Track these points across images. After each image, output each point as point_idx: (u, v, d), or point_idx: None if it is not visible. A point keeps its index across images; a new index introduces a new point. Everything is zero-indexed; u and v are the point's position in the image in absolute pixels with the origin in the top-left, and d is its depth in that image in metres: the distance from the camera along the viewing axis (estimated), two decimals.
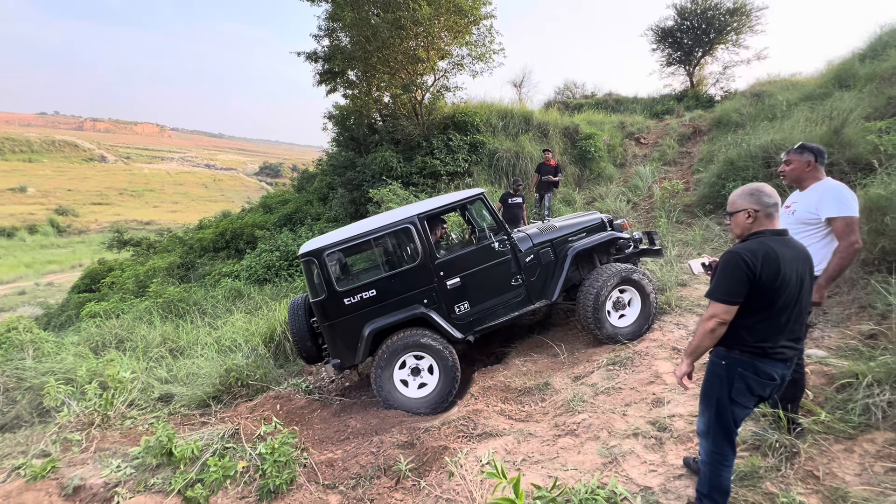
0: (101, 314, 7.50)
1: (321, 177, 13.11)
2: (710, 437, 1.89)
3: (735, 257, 1.74)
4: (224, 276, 8.94)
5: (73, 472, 3.19)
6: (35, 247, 38.55)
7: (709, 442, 1.90)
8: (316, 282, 3.87)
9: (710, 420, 1.88)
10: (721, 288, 1.76)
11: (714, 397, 1.86)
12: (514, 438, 2.91)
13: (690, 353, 1.89)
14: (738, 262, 1.72)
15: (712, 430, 1.88)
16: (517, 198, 7.09)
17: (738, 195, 1.87)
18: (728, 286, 1.74)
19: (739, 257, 1.73)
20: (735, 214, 1.86)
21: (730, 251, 1.78)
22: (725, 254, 1.80)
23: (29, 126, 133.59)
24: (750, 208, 1.81)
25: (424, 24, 7.66)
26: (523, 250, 4.24)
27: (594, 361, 3.85)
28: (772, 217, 1.81)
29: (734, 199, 1.87)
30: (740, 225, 1.85)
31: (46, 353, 5.78)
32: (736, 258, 1.74)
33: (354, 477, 2.93)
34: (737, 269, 1.72)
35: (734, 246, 1.81)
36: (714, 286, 1.79)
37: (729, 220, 1.91)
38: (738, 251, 1.74)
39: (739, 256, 1.73)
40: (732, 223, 1.89)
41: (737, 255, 1.74)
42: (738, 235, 1.88)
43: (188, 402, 4.46)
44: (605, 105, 15.13)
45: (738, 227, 1.86)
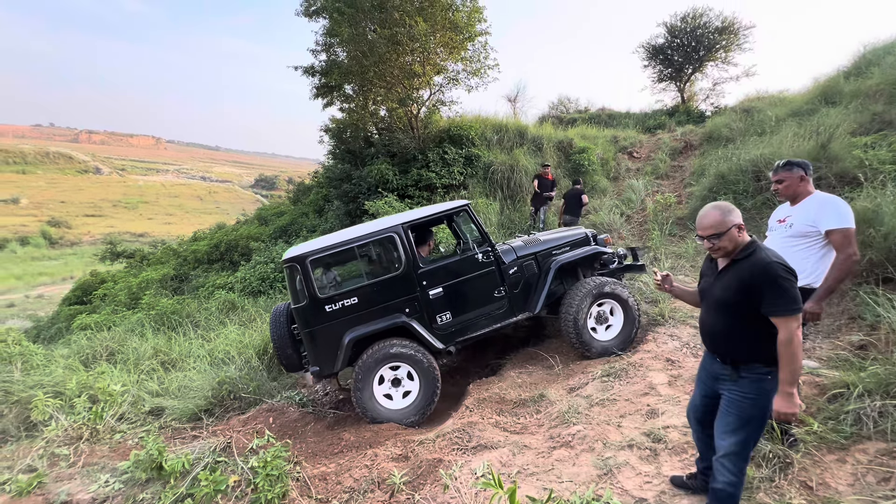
0: (92, 326, 7.41)
1: (317, 189, 13.17)
2: (742, 457, 1.86)
3: (780, 268, 1.72)
4: (218, 287, 8.88)
5: (60, 488, 3.13)
6: (26, 259, 38.14)
7: (740, 462, 1.86)
8: (298, 288, 3.86)
9: (749, 439, 1.84)
10: (793, 299, 1.70)
11: (759, 415, 1.82)
12: (509, 451, 2.89)
13: (794, 381, 1.74)
14: (789, 271, 1.73)
15: (748, 449, 1.85)
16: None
17: (721, 214, 1.85)
18: (796, 295, 1.71)
19: (784, 266, 1.73)
20: (727, 232, 1.83)
21: (768, 263, 1.74)
22: (766, 267, 1.74)
23: (23, 138, 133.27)
24: (739, 222, 1.85)
25: (420, 39, 7.81)
26: (507, 262, 4.26)
27: (589, 373, 3.86)
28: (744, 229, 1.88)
29: (720, 219, 1.84)
30: (734, 240, 1.84)
31: (35, 366, 5.68)
32: (782, 268, 1.72)
33: (348, 491, 2.89)
34: (791, 277, 1.72)
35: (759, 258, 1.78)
36: (781, 300, 1.71)
37: (714, 241, 1.85)
38: (777, 261, 1.74)
39: (783, 266, 1.73)
40: (723, 241, 1.85)
41: (781, 266, 1.73)
42: (729, 252, 1.87)
43: (179, 416, 4.40)
44: (598, 120, 15.37)
45: (733, 242, 1.85)
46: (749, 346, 1.83)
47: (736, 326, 1.85)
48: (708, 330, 2.01)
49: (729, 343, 1.90)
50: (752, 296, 1.76)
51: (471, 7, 8.62)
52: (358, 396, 3.78)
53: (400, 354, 3.82)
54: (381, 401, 3.84)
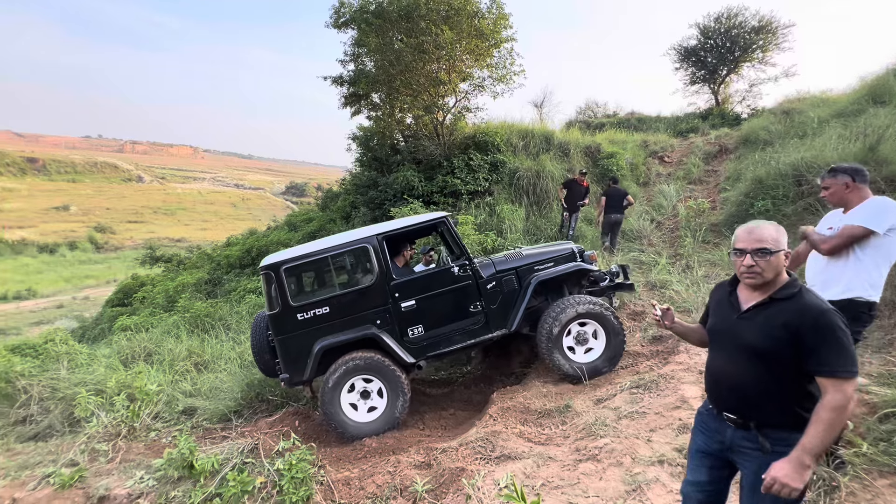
0: (132, 328, 7.76)
1: (344, 196, 13.41)
2: None
3: (838, 317, 1.39)
4: (249, 292, 9.15)
5: (100, 482, 3.27)
6: (74, 262, 40.47)
7: None
8: (272, 295, 3.88)
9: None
10: (852, 357, 1.37)
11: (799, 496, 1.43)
12: (534, 462, 2.83)
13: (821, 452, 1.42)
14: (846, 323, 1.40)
15: None
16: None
17: (777, 231, 1.49)
18: (854, 353, 1.39)
19: (841, 317, 1.40)
20: (777, 254, 1.47)
21: (824, 311, 1.40)
22: (821, 316, 1.40)
23: (74, 148, 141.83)
24: (788, 250, 1.50)
25: (447, 48, 7.88)
26: (485, 276, 4.16)
27: (617, 384, 3.75)
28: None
29: (776, 236, 1.48)
30: (778, 269, 1.48)
31: (79, 365, 6.00)
32: (840, 318, 1.40)
33: (371, 497, 2.90)
34: (847, 331, 1.39)
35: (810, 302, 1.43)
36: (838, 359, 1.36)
37: (758, 258, 1.47)
38: (834, 310, 1.41)
39: (840, 317, 1.40)
40: (769, 264, 1.47)
41: (838, 315, 1.40)
42: (767, 282, 1.50)
43: (210, 416, 4.54)
44: (627, 124, 15.06)
45: (775, 270, 1.48)
46: (786, 409, 1.46)
47: (772, 382, 1.47)
48: (729, 383, 1.57)
49: (760, 403, 1.50)
50: (800, 348, 1.40)
51: (496, 14, 8.65)
52: (324, 393, 3.77)
53: (367, 367, 3.80)
54: (346, 411, 3.82)
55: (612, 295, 4.63)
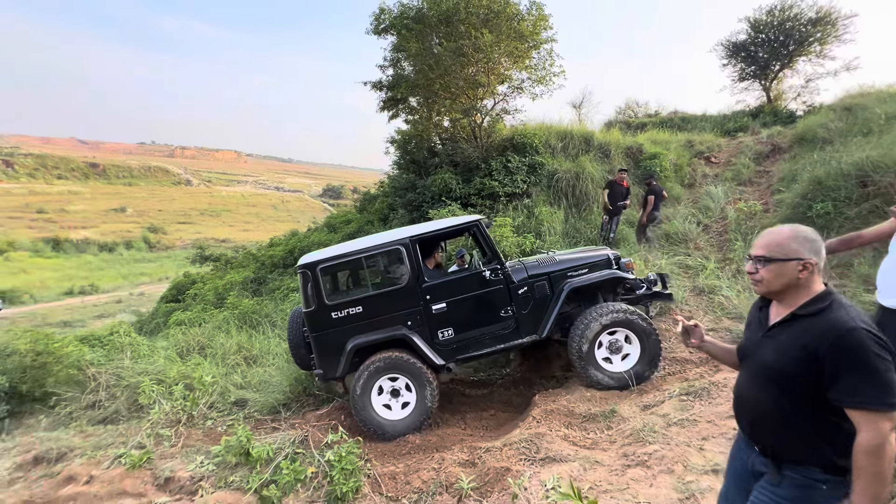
0: (185, 322, 8.24)
1: (382, 198, 13.68)
2: None
3: (870, 337, 1.18)
4: (292, 290, 9.50)
5: (165, 465, 3.51)
6: (130, 260, 43.25)
7: None
8: (308, 293, 4.00)
9: None
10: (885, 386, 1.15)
11: None
12: (580, 465, 2.81)
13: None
14: (882, 343, 1.19)
15: None
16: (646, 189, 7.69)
17: (790, 237, 1.33)
18: (890, 381, 1.16)
19: (875, 336, 1.19)
20: (780, 263, 1.32)
21: (851, 328, 1.19)
22: (847, 334, 1.19)
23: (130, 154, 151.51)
24: (808, 259, 1.29)
25: (486, 51, 7.91)
26: (516, 281, 4.13)
27: (664, 390, 3.65)
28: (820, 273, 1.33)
29: (782, 242, 1.33)
30: (784, 278, 1.32)
31: (141, 356, 6.43)
32: (872, 338, 1.18)
33: (416, 491, 2.96)
34: (886, 354, 1.18)
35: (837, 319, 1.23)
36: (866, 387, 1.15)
37: (757, 266, 1.37)
38: (864, 327, 1.20)
39: (873, 335, 1.19)
40: (769, 273, 1.34)
41: (869, 334, 1.19)
42: (768, 291, 1.38)
43: (261, 408, 4.75)
44: (670, 124, 14.53)
45: (782, 280, 1.32)
46: (805, 440, 1.27)
47: (789, 409, 1.30)
48: (748, 406, 1.45)
49: (776, 430, 1.34)
50: (820, 372, 1.22)
51: (536, 15, 8.61)
52: (355, 400, 3.86)
53: (387, 367, 3.87)
54: (379, 411, 3.91)
55: (648, 303, 4.51)
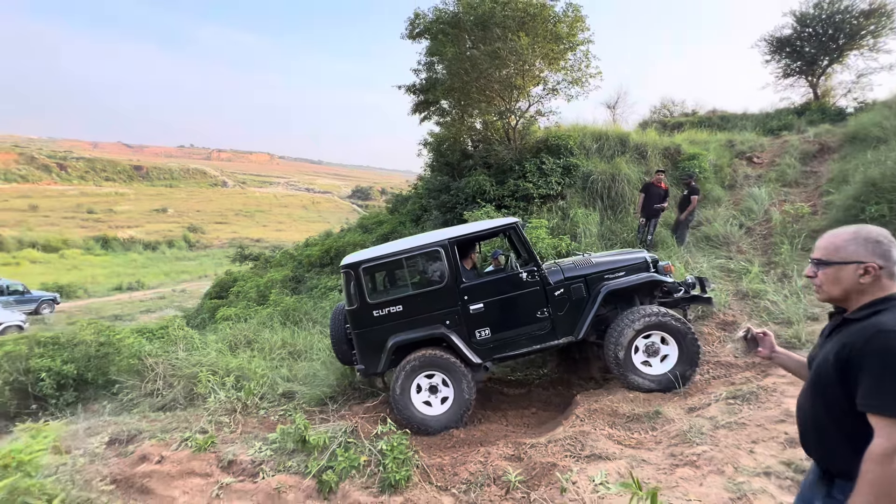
0: (232, 318, 8.66)
1: (414, 199, 13.92)
2: None
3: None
4: (329, 289, 9.82)
5: (227, 448, 3.76)
6: (172, 259, 45.31)
7: None
8: (351, 292, 4.17)
9: None
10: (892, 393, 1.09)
11: None
12: (627, 463, 2.87)
13: None
14: None
15: None
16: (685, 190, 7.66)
17: (850, 240, 1.26)
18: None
19: None
20: (836, 267, 1.26)
21: (881, 331, 1.14)
22: (874, 336, 1.14)
23: (171, 157, 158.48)
24: (871, 263, 1.22)
25: (522, 53, 7.97)
26: (553, 283, 4.18)
27: (710, 393, 3.65)
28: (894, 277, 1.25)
29: (840, 245, 1.27)
30: (843, 283, 1.26)
31: (194, 348, 6.83)
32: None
33: (465, 482, 3.09)
34: None
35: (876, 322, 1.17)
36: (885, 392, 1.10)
37: (817, 270, 1.31)
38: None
39: None
40: (826, 277, 1.29)
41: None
42: (829, 297, 1.31)
43: (308, 400, 4.99)
44: (708, 123, 14.15)
45: (840, 286, 1.27)
46: (845, 454, 1.21)
47: (827, 419, 1.26)
48: (799, 418, 1.41)
49: (819, 442, 1.31)
50: (847, 377, 1.17)
51: (572, 17, 8.60)
52: (396, 400, 4.00)
53: (422, 365, 4.00)
54: (420, 408, 4.04)
55: (686, 307, 4.48)
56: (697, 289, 4.47)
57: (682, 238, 7.52)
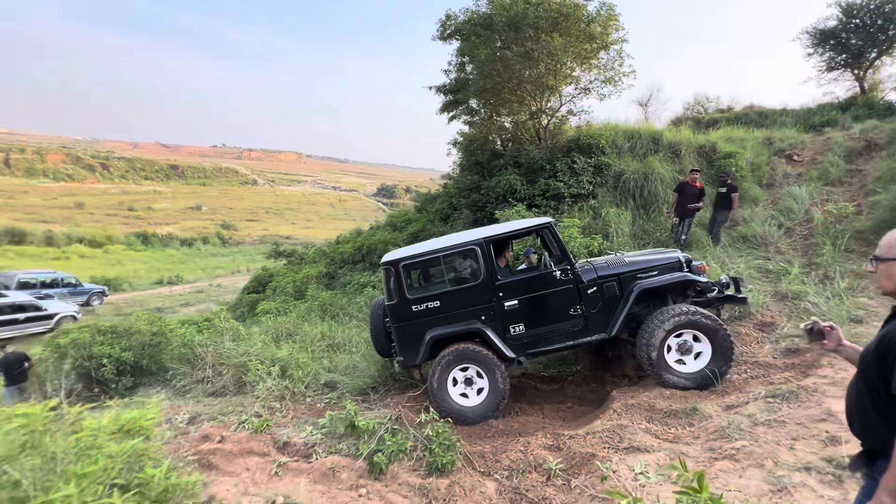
0: (272, 311, 9.08)
1: (443, 198, 14.11)
2: None
3: None
4: (363, 285, 10.14)
5: (281, 431, 4.05)
6: (206, 255, 47.10)
7: None
8: (391, 287, 4.38)
9: None
10: None
11: None
12: (666, 455, 2.97)
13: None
14: None
15: None
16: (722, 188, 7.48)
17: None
18: None
19: None
20: (890, 262, 1.36)
21: None
22: None
23: (204, 157, 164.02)
24: None
25: (556, 54, 8.01)
26: (586, 281, 4.28)
27: (748, 392, 3.69)
28: None
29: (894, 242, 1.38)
30: (894, 278, 1.37)
31: (240, 339, 7.23)
32: None
33: (507, 469, 3.26)
34: None
35: None
36: None
37: (875, 266, 1.42)
38: None
39: None
40: (881, 272, 1.40)
41: None
42: (885, 291, 1.43)
43: (351, 390, 5.26)
44: (745, 119, 13.76)
45: (890, 280, 1.38)
46: (884, 435, 1.32)
47: (868, 402, 1.38)
48: (846, 403, 1.53)
49: (862, 424, 1.43)
50: (885, 363, 1.28)
51: (606, 16, 8.57)
52: (433, 393, 4.18)
53: (456, 359, 4.17)
54: (457, 400, 4.21)
55: (720, 307, 4.50)
56: (732, 289, 4.48)
57: (717, 237, 7.43)
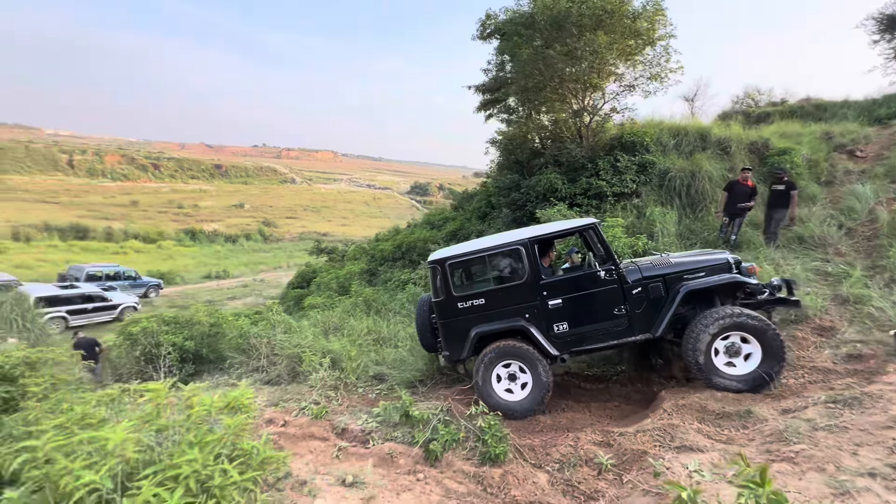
0: (318, 306, 9.50)
1: (481, 197, 14.22)
2: None
3: None
4: (403, 282, 10.42)
5: (338, 419, 4.31)
6: (249, 251, 49.25)
7: None
8: (438, 285, 4.53)
9: None
10: None
11: None
12: (720, 455, 2.99)
13: None
14: None
15: None
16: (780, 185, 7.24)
17: None
18: None
19: None
20: None
21: None
22: None
23: (246, 156, 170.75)
24: None
25: (600, 52, 7.94)
26: (630, 282, 4.28)
27: (806, 397, 3.62)
28: None
29: None
30: None
31: (291, 331, 7.64)
32: None
33: (557, 462, 3.36)
34: None
35: None
36: None
37: None
38: None
39: None
40: None
41: None
42: None
43: (399, 382, 5.49)
44: (801, 113, 13.08)
45: None
46: None
47: None
48: None
49: None
50: None
51: (652, 11, 8.40)
52: (479, 390, 4.30)
53: (497, 356, 4.28)
54: (503, 396, 4.33)
55: (771, 309, 4.38)
56: (784, 291, 4.37)
57: (774, 237, 7.16)
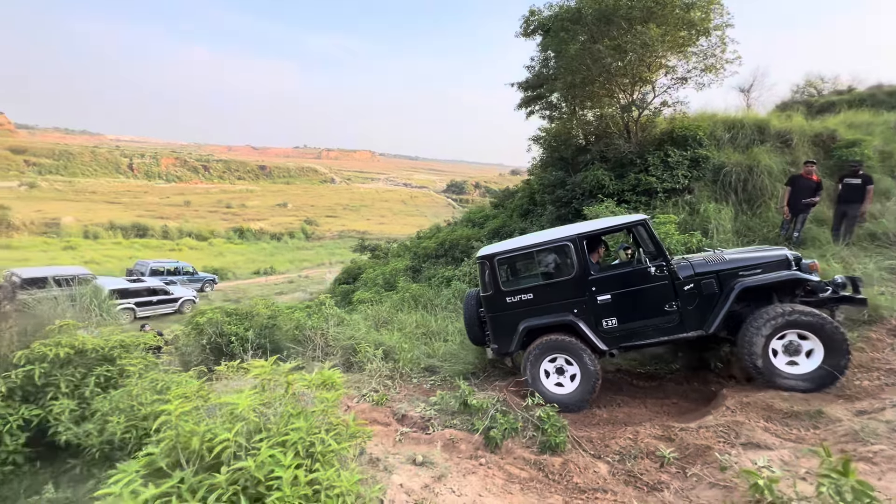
0: (367, 301, 9.86)
1: (522, 194, 14.20)
2: None
3: None
4: (447, 279, 10.61)
5: (398, 406, 4.53)
6: (293, 248, 51.28)
7: None
8: (486, 280, 4.62)
9: None
10: None
11: None
12: (790, 452, 2.94)
13: None
14: None
15: None
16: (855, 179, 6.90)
17: None
18: None
19: None
20: None
21: None
22: None
23: (288, 157, 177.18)
24: None
25: (651, 45, 7.77)
26: (682, 278, 4.22)
27: (883, 399, 3.48)
28: None
29: None
30: None
31: (343, 324, 8.00)
32: None
33: (618, 453, 3.41)
34: None
35: None
36: None
37: None
38: None
39: None
40: None
41: None
42: None
43: (451, 374, 5.66)
44: (871, 101, 12.21)
45: None
46: None
47: None
48: None
49: None
50: None
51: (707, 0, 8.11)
52: (530, 385, 4.37)
53: (542, 351, 4.32)
54: (554, 390, 4.39)
55: (834, 307, 4.17)
56: (849, 289, 4.18)
57: (849, 233, 6.78)
